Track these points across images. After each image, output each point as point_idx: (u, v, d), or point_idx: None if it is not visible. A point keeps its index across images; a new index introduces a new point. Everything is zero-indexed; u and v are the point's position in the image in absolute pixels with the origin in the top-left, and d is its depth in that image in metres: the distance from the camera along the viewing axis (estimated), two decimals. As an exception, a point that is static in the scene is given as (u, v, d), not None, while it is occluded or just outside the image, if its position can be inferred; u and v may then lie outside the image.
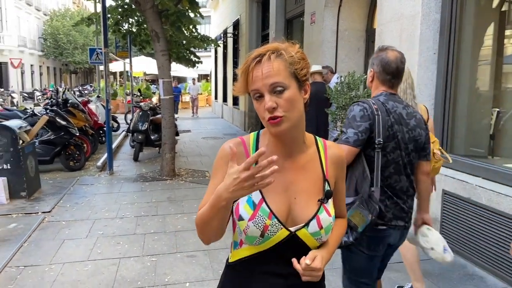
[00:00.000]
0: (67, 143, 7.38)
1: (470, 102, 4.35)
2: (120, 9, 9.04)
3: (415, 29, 4.31)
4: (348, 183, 2.09)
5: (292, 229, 1.20)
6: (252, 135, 1.30)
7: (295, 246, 1.21)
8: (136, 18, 9.71)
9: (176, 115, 12.78)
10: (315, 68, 6.06)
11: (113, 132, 11.27)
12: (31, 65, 37.43)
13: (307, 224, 1.21)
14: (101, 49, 12.03)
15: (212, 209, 1.12)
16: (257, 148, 1.26)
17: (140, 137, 8.44)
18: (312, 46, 7.28)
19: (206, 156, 9.02)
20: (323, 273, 1.28)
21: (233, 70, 15.77)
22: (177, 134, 9.00)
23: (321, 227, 1.21)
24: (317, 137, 1.33)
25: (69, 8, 45.21)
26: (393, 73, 2.11)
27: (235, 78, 15.73)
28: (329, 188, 1.27)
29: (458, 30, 4.12)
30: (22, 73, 32.85)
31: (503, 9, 4.15)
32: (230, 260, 1.32)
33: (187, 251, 3.96)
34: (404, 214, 2.15)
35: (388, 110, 2.06)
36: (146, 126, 8.55)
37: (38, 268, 3.63)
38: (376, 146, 2.04)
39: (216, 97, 20.88)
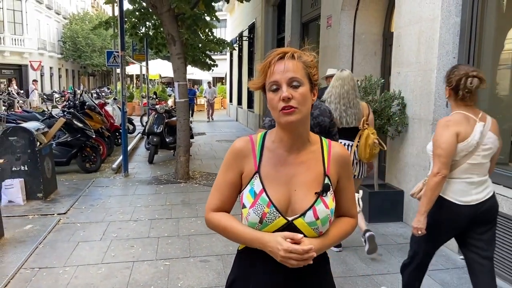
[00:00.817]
0: (83, 145, 7.46)
1: (491, 107, 4.22)
2: (137, 13, 9.13)
3: (435, 33, 4.22)
4: None
5: (290, 218, 1.31)
6: (260, 134, 1.42)
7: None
8: (152, 21, 9.82)
9: (191, 119, 12.80)
10: (331, 71, 5.98)
11: (128, 135, 11.38)
12: (50, 68, 38.10)
13: (303, 214, 1.31)
14: (118, 52, 12.19)
15: (244, 242, 1.37)
16: (262, 145, 1.39)
17: (155, 139, 8.48)
18: (328, 50, 7.22)
19: (220, 159, 8.99)
20: (327, 257, 1.45)
21: (249, 73, 15.77)
22: (191, 137, 9.03)
23: (317, 218, 1.31)
24: (322, 138, 1.44)
25: (88, 11, 45.97)
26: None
27: (250, 80, 15.73)
28: (327, 183, 1.35)
29: (479, 33, 4.02)
30: (42, 75, 33.45)
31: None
32: (239, 248, 1.47)
33: (200, 256, 3.94)
34: None
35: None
36: (161, 128, 8.59)
37: (52, 270, 3.65)
38: None
39: (231, 100, 20.91)
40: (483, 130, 2.41)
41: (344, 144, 3.84)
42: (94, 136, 7.69)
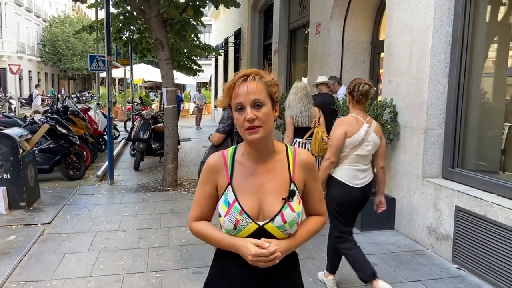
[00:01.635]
0: (67, 151, 7.26)
1: (482, 116, 4.28)
2: (121, 17, 8.99)
3: (427, 42, 4.25)
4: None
5: (261, 223, 1.44)
6: (231, 148, 1.56)
7: (265, 237, 1.43)
8: (137, 26, 9.68)
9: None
10: (321, 79, 6.00)
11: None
12: (29, 71, 37.32)
13: (272, 219, 1.44)
14: (102, 56, 11.98)
15: (220, 243, 1.49)
16: (233, 159, 1.52)
17: (141, 146, 8.33)
18: (317, 57, 7.23)
19: (207, 166, 8.90)
20: (297, 259, 1.59)
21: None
22: (178, 143, 8.89)
23: (285, 221, 1.44)
24: (288, 146, 1.57)
25: (69, 15, 45.24)
26: None
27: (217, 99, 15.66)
28: (293, 188, 1.48)
29: (470, 43, 4.06)
30: (20, 79, 32.69)
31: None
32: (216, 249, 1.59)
33: (193, 267, 3.84)
34: None
35: None
36: (148, 134, 8.44)
37: (39, 284, 3.50)
38: (236, 133, 3.88)
39: (216, 106, 20.81)
40: (368, 130, 3.11)
41: (297, 142, 4.60)
42: (78, 143, 7.51)
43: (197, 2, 6.73)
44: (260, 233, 1.43)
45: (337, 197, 3.17)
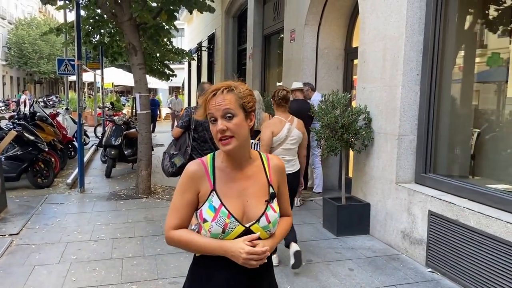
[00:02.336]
0: (35, 158, 7.01)
1: (452, 122, 4.40)
2: (91, 20, 8.80)
3: (399, 50, 4.34)
4: (177, 144, 4.49)
5: (247, 225, 1.51)
6: (209, 156, 1.61)
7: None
8: (108, 29, 9.49)
9: (153, 134, 12.47)
10: (296, 85, 6.04)
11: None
12: (-6, 74, 35.99)
13: (258, 220, 1.53)
14: (71, 60, 11.67)
15: (204, 248, 1.50)
16: (213, 166, 1.58)
17: (113, 152, 8.13)
18: (292, 63, 7.28)
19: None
20: (271, 261, 1.64)
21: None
22: (152, 149, 8.74)
23: (269, 222, 1.55)
24: (261, 153, 1.68)
25: (36, 17, 43.96)
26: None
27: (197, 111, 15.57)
28: (273, 191, 1.60)
29: (441, 51, 4.18)
30: (-16, 82, 31.48)
31: (484, 31, 4.25)
32: (197, 254, 1.60)
33: (169, 277, 3.76)
34: None
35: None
36: (120, 141, 8.25)
37: (6, 299, 3.34)
38: (192, 128, 4.39)
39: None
40: (290, 128, 3.86)
41: (251, 142, 5.12)
42: (46, 149, 7.26)
43: (171, 7, 6.65)
44: (246, 235, 1.51)
45: None
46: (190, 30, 21.58)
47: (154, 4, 7.49)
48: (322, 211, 5.24)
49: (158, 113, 17.23)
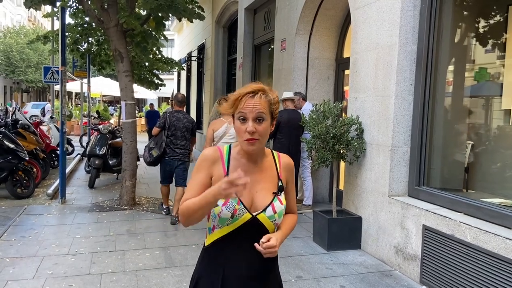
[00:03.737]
0: (15, 167, 6.74)
1: (446, 134, 4.29)
2: (79, 28, 8.64)
3: (392, 59, 4.24)
4: (155, 140, 5.72)
5: (254, 213, 1.60)
6: (226, 146, 1.71)
7: (256, 228, 1.60)
8: (96, 37, 9.34)
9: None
10: (286, 94, 5.91)
11: (66, 156, 10.57)
12: (-21, 82, 35.35)
13: (264, 210, 1.62)
14: (57, 68, 11.43)
15: (201, 202, 1.51)
16: (229, 155, 1.68)
17: (97, 162, 7.87)
18: (282, 73, 7.16)
19: (168, 183, 8.55)
20: (276, 256, 1.70)
21: (198, 93, 15.50)
22: (137, 159, 8.52)
23: (275, 212, 1.63)
24: (272, 150, 1.78)
25: (24, 25, 43.53)
26: (180, 102, 5.87)
27: (199, 101, 15.42)
28: (281, 184, 1.70)
29: (435, 61, 4.08)
30: (-31, 90, 30.88)
31: (478, 42, 4.17)
32: (206, 244, 1.69)
33: (150, 295, 3.54)
34: (176, 155, 5.60)
35: (172, 115, 5.63)
36: (105, 150, 8.01)
37: (-28, 319, 3.09)
38: (167, 128, 5.55)
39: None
40: (228, 127, 4.91)
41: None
42: (27, 158, 6.99)
43: (159, 14, 6.50)
44: (253, 222, 1.59)
45: None
46: (180, 40, 21.48)
47: (143, 12, 7.37)
48: (313, 225, 5.07)
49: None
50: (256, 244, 1.55)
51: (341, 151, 4.65)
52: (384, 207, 4.33)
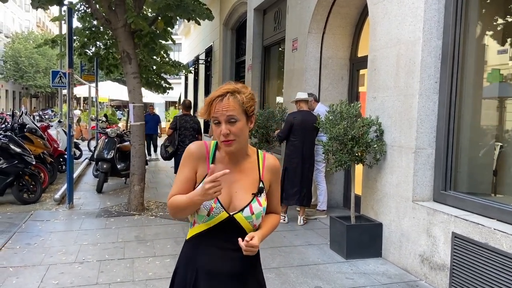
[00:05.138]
0: (21, 172, 6.58)
1: (473, 135, 4.04)
2: (87, 32, 8.50)
3: (415, 56, 4.00)
4: (169, 139, 7.17)
5: (231, 213, 1.62)
6: (213, 143, 1.72)
7: (233, 227, 1.63)
8: (104, 41, 9.22)
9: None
10: (300, 95, 5.68)
11: (74, 160, 10.43)
12: (-11, 88, 35.56)
13: (242, 210, 1.63)
14: (65, 71, 11.31)
15: (187, 202, 1.58)
16: (215, 151, 1.71)
17: (105, 166, 7.70)
18: (294, 73, 6.94)
19: (177, 187, 8.36)
20: (258, 250, 1.69)
21: (205, 96, 15.34)
22: (146, 163, 8.34)
23: (252, 213, 1.64)
24: (259, 150, 1.79)
25: (33, 31, 43.82)
26: (187, 107, 7.33)
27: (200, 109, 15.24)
28: (262, 186, 1.70)
29: (462, 57, 3.84)
30: (-22, 95, 31.04)
31: (508, 36, 3.91)
32: (187, 237, 1.74)
33: (161, 307, 3.32)
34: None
35: (181, 118, 7.04)
36: (113, 154, 7.83)
37: (-29, 334, 2.89)
38: (178, 129, 6.96)
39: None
40: None
41: None
42: (34, 163, 6.83)
43: (168, 14, 6.32)
44: (230, 222, 1.62)
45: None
46: (187, 43, 21.38)
47: (150, 13, 7.21)
48: (329, 231, 4.82)
49: (159, 131, 12.92)
50: (239, 239, 1.58)
51: (361, 154, 4.40)
52: (408, 213, 4.08)
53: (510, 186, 3.88)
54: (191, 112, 7.44)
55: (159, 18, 6.52)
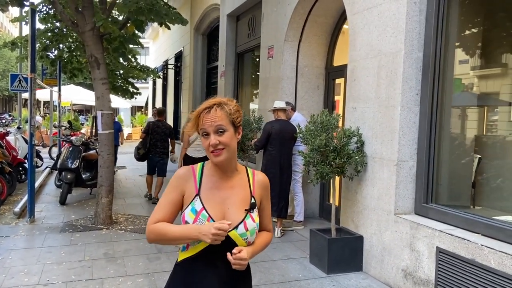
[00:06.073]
0: (-24, 184, 6.10)
1: (454, 147, 4.04)
2: (49, 34, 8.06)
3: (397, 67, 3.96)
4: (142, 142, 7.70)
5: None
6: (200, 164, 1.73)
7: (228, 245, 1.57)
8: (67, 43, 8.79)
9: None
10: (278, 104, 5.56)
11: (35, 168, 9.86)
12: None
13: (236, 227, 1.61)
14: (26, 75, 10.72)
15: (182, 234, 1.58)
16: (202, 173, 1.70)
17: (69, 176, 7.27)
18: (270, 81, 6.82)
19: (146, 197, 8.03)
20: (249, 268, 1.70)
21: (175, 102, 15.02)
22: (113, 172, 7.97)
23: (247, 229, 1.62)
24: (247, 167, 1.78)
25: (-10, 31, 41.77)
26: (160, 113, 7.90)
27: (176, 111, 14.91)
28: (254, 201, 1.68)
29: (442, 70, 3.82)
30: None
31: (489, 49, 3.94)
32: (178, 260, 1.70)
33: (136, 335, 3.07)
34: (157, 153, 7.38)
35: (153, 123, 7.56)
36: (77, 163, 7.42)
37: None
38: (150, 133, 7.43)
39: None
40: (196, 134, 4.91)
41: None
42: (-9, 173, 6.36)
43: (139, 18, 6.05)
44: (224, 240, 1.55)
45: (186, 162, 6.34)
46: (155, 48, 20.92)
47: (119, 16, 6.91)
48: (309, 245, 4.69)
49: (120, 140, 10.55)
50: (228, 253, 1.55)
51: (342, 165, 4.31)
52: (390, 226, 4.01)
53: (488, 198, 3.89)
54: (164, 118, 8.03)
55: (130, 21, 6.24)
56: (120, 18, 6.89)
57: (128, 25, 6.27)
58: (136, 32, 6.65)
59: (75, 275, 4.14)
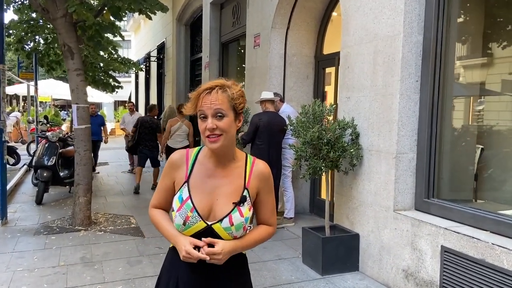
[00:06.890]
0: None
1: (456, 138, 3.78)
2: (24, 25, 7.60)
3: (395, 52, 3.66)
4: (133, 136, 8.36)
5: (209, 222, 1.54)
6: (196, 149, 1.68)
7: (212, 237, 1.52)
8: (44, 35, 8.33)
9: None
10: (266, 95, 5.24)
11: (11, 166, 9.38)
12: None
13: (220, 220, 1.54)
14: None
15: (164, 232, 1.63)
16: (195, 159, 1.63)
17: (45, 174, 6.84)
18: (256, 71, 6.48)
19: (129, 195, 7.66)
20: (246, 259, 1.70)
21: (158, 95, 14.57)
22: (93, 169, 7.57)
23: (232, 224, 1.54)
24: (248, 155, 1.68)
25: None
26: (149, 109, 8.61)
27: (159, 104, 14.45)
28: (245, 195, 1.59)
29: (444, 54, 3.54)
30: None
31: (495, 32, 3.67)
32: (170, 245, 1.68)
33: None
34: (145, 146, 7.96)
35: (142, 118, 8.26)
36: (54, 160, 7.00)
37: None
38: (138, 127, 8.08)
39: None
40: (180, 125, 7.64)
41: None
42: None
43: (116, 4, 5.63)
44: (207, 232, 1.52)
45: (168, 153, 6.56)
46: (137, 40, 20.33)
47: (95, 2, 6.48)
48: (302, 244, 4.40)
49: (104, 136, 10.35)
50: (202, 248, 1.49)
51: (337, 159, 4.01)
52: (388, 224, 3.74)
53: (491, 190, 3.66)
54: (154, 114, 8.46)
55: (106, 8, 5.82)
56: (95, 4, 6.47)
57: (104, 12, 5.84)
58: (113, 20, 6.21)
59: (48, 284, 3.78)
